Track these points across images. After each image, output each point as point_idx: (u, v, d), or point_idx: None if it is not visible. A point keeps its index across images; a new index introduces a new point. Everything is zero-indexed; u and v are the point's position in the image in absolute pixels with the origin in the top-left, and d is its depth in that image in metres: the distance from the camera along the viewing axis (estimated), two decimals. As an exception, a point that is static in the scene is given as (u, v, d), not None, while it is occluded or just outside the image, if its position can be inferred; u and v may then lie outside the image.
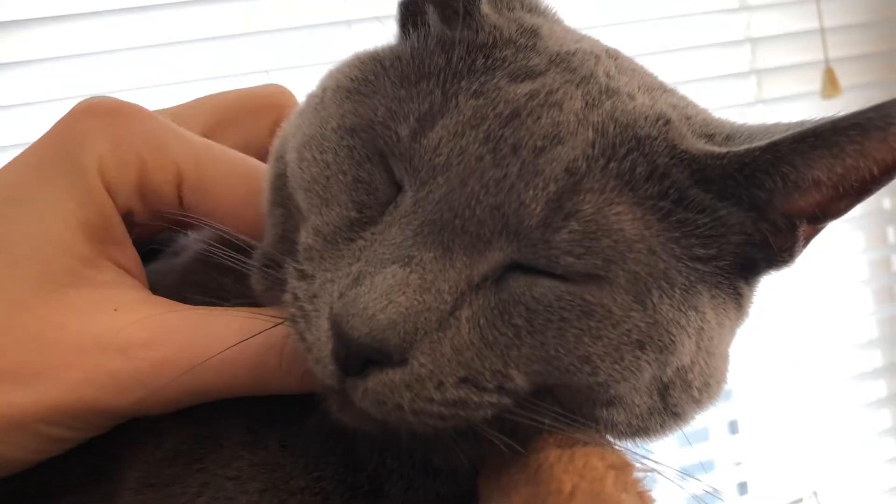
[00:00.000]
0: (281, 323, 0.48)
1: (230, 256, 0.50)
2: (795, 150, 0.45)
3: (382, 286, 0.42)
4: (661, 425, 0.50)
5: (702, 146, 0.47)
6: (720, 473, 2.06)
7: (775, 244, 0.49)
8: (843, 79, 1.90)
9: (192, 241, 0.61)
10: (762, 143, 0.46)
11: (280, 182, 0.53)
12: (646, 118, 0.47)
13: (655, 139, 0.47)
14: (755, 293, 0.52)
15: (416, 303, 0.43)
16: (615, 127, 0.46)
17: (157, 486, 0.49)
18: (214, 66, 1.68)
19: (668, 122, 0.48)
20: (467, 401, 0.44)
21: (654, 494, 0.44)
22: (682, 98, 0.53)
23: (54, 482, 0.52)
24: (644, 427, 0.49)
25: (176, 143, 0.54)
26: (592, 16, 1.80)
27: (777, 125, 0.49)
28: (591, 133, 0.46)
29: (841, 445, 2.13)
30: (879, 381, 2.20)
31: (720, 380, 0.51)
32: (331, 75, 0.54)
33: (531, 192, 0.44)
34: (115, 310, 0.49)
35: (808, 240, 0.50)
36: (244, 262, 0.50)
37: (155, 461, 0.50)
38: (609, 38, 0.58)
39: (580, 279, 0.44)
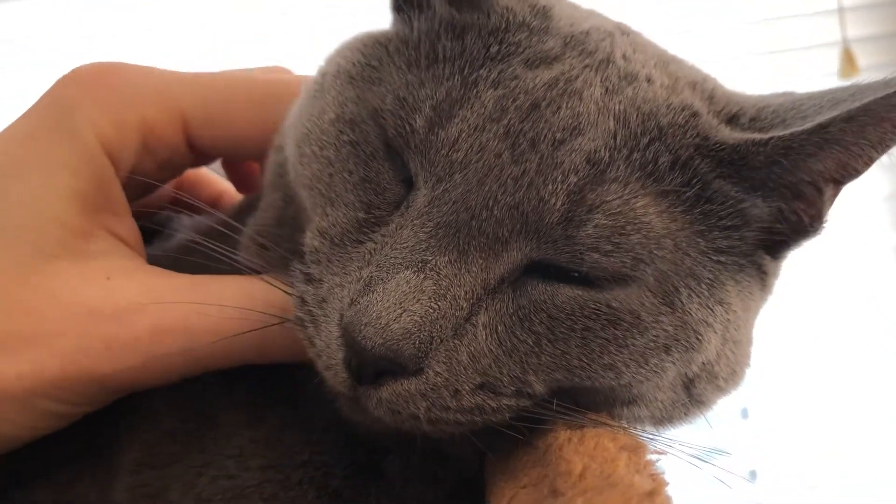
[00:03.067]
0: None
1: (217, 249, 0.49)
2: (846, 130, 0.43)
3: (396, 293, 0.41)
4: (685, 414, 0.49)
5: (740, 135, 0.45)
6: (730, 460, 2.05)
7: (806, 217, 0.47)
8: (861, 59, 1.88)
9: (183, 228, 0.60)
10: (808, 125, 0.44)
11: (281, 170, 0.52)
12: (668, 106, 0.46)
13: (681, 128, 0.45)
14: (781, 267, 0.51)
15: (431, 311, 0.41)
16: (637, 116, 0.45)
17: (158, 467, 0.48)
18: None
19: (695, 113, 0.46)
20: (484, 406, 0.43)
21: (667, 477, 0.42)
22: (694, 71, 0.51)
23: (53, 462, 0.51)
24: (668, 417, 0.49)
25: (176, 88, 0.53)
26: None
27: (794, 96, 0.48)
28: (612, 122, 0.44)
29: (852, 433, 2.12)
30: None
31: (745, 364, 0.50)
32: (331, 59, 0.52)
33: (550, 187, 0.42)
34: (108, 278, 0.48)
35: (832, 202, 0.49)
36: (231, 256, 0.49)
37: (153, 442, 0.49)
38: (617, 16, 0.56)
39: (605, 283, 0.42)
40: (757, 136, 0.44)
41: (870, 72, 1.90)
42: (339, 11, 1.68)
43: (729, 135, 0.45)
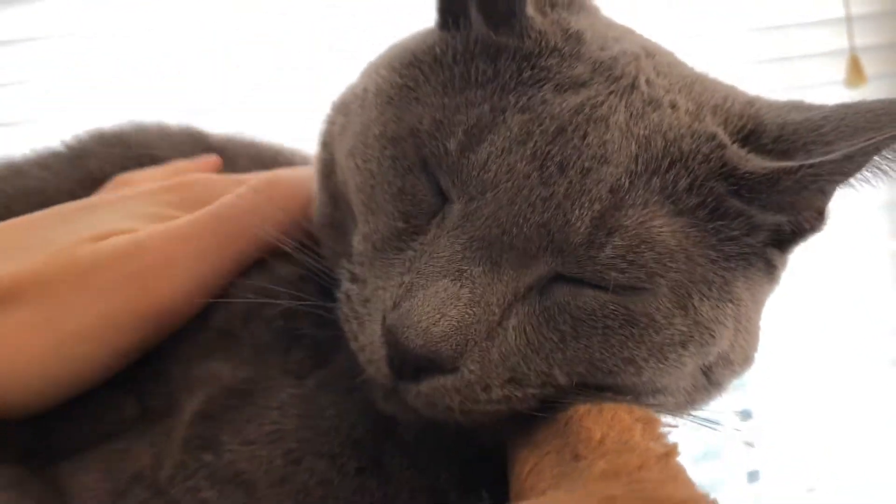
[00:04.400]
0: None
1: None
2: (869, 155, 0.46)
3: (435, 300, 0.45)
4: (706, 397, 0.54)
5: (770, 164, 0.47)
6: (731, 460, 2.08)
7: (813, 219, 0.51)
8: (869, 67, 1.88)
9: None
10: (835, 155, 0.46)
11: (327, 170, 0.56)
12: (692, 134, 0.48)
13: (704, 157, 0.47)
14: (788, 259, 0.54)
15: (466, 316, 0.45)
16: (660, 142, 0.47)
17: (214, 417, 0.53)
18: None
19: (720, 144, 0.48)
20: (511, 397, 0.47)
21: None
22: (717, 90, 0.53)
23: (107, 426, 0.55)
24: (690, 402, 0.53)
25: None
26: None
27: (810, 113, 0.50)
28: (634, 147, 0.47)
29: (854, 435, 2.13)
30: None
31: (756, 347, 0.54)
32: (370, 73, 0.55)
33: (577, 212, 0.45)
34: None
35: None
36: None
37: (212, 396, 0.53)
38: (625, 21, 0.58)
39: (623, 290, 0.46)
40: (788, 164, 0.47)
41: (877, 80, 1.92)
42: (339, 12, 1.71)
43: (759, 164, 0.47)
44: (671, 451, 0.42)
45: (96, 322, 0.50)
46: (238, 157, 0.72)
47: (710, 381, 0.52)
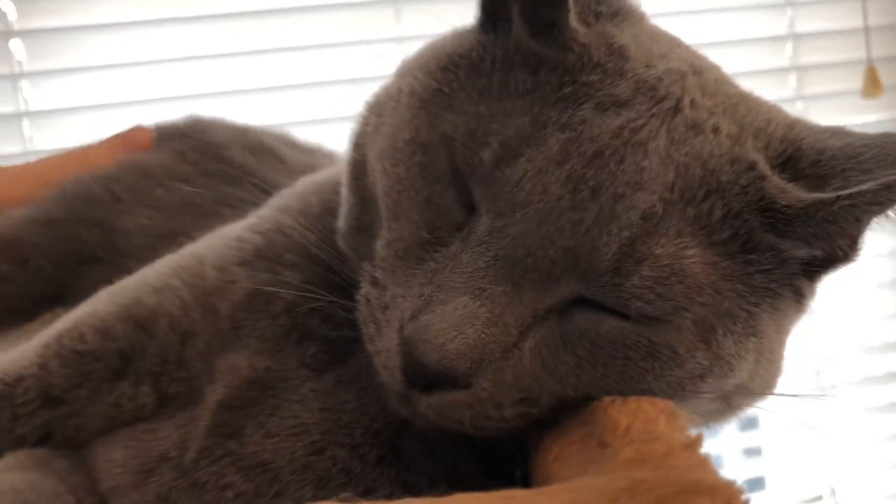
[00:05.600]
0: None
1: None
2: None
3: (453, 316, 0.44)
4: (721, 419, 0.54)
5: (806, 196, 0.46)
6: (736, 468, 2.08)
7: (845, 249, 0.50)
8: (886, 78, 1.89)
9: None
10: (873, 185, 0.45)
11: (358, 171, 0.55)
12: (731, 162, 0.47)
13: (742, 188, 0.46)
14: (817, 288, 0.52)
15: (483, 335, 0.44)
16: (699, 170, 0.46)
17: (237, 408, 0.53)
18: (268, 77, 1.74)
19: (760, 175, 0.47)
20: (525, 414, 0.47)
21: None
22: (761, 112, 0.52)
23: (124, 414, 0.56)
24: (704, 423, 0.53)
25: None
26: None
27: (850, 139, 0.49)
28: (672, 175, 0.45)
29: (861, 444, 2.13)
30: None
31: (778, 375, 0.53)
32: (405, 74, 0.54)
33: (605, 238, 0.44)
34: None
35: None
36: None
37: (235, 387, 0.54)
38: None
39: (646, 320, 0.45)
40: (824, 196, 0.46)
41: (893, 91, 1.92)
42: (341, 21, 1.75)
43: (796, 197, 0.46)
44: (696, 441, 0.42)
45: None
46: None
47: (729, 406, 0.52)
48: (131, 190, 0.72)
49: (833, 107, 2.01)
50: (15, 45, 1.65)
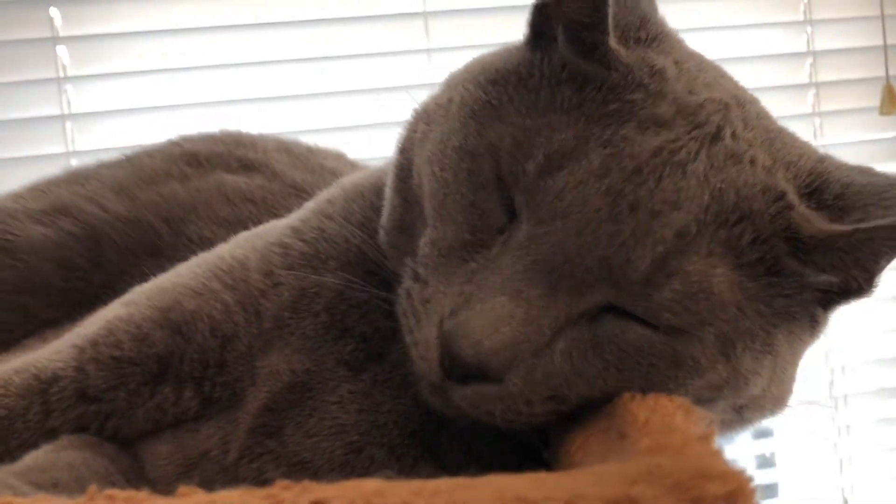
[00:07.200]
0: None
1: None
2: None
3: (491, 315, 0.47)
4: (733, 430, 0.57)
5: (827, 227, 0.49)
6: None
7: (862, 282, 0.52)
8: (903, 96, 1.90)
9: None
10: (890, 219, 0.48)
11: (403, 174, 0.58)
12: (763, 192, 0.49)
13: (771, 217, 0.49)
14: (830, 317, 0.55)
15: (518, 335, 0.47)
16: (733, 196, 0.48)
17: (277, 410, 0.56)
18: (304, 85, 1.79)
19: (789, 205, 0.49)
20: (554, 411, 0.51)
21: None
22: (794, 147, 0.54)
23: (169, 417, 0.58)
24: (718, 433, 0.54)
25: None
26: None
27: (877, 179, 0.51)
28: (707, 197, 0.48)
29: (873, 454, 2.15)
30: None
31: (789, 394, 0.57)
32: (455, 85, 0.57)
33: (640, 251, 0.47)
34: None
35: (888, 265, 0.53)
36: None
37: (276, 390, 0.57)
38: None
39: (673, 332, 0.48)
40: (843, 228, 0.49)
41: (910, 109, 1.93)
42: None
43: (819, 227, 0.49)
44: (709, 434, 0.46)
45: None
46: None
47: (741, 418, 0.55)
48: (207, 204, 0.76)
49: (850, 124, 2.03)
50: (60, 50, 1.72)
